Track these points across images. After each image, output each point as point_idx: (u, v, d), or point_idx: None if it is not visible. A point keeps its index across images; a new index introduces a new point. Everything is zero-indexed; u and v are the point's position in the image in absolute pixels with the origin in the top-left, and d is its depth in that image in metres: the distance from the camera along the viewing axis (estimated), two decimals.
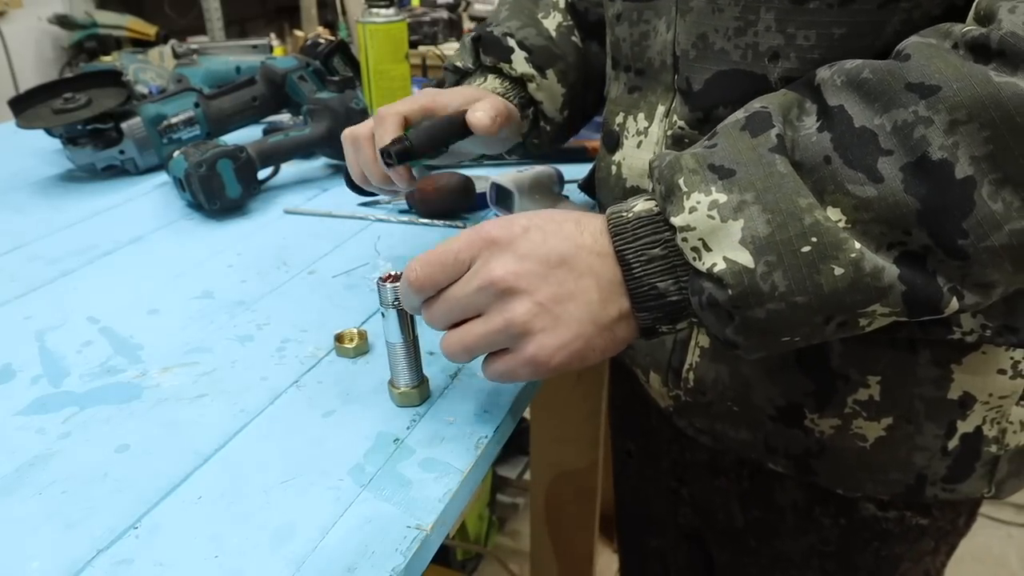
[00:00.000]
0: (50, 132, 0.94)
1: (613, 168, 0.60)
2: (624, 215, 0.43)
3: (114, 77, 0.99)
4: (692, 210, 0.40)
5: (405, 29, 1.09)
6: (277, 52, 1.48)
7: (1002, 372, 0.51)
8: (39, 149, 1.06)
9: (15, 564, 0.40)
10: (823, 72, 0.42)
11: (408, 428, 0.50)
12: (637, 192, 0.57)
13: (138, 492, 0.45)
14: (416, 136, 0.59)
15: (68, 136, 0.93)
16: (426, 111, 0.62)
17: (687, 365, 0.57)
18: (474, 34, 0.71)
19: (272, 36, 1.63)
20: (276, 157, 0.90)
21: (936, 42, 0.38)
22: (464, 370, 0.56)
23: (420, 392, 0.52)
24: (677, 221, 0.40)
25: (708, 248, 0.39)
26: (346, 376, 0.56)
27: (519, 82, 0.69)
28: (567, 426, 1.19)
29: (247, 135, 1.00)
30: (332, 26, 2.24)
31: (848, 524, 0.59)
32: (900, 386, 0.51)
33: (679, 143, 0.53)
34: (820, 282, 0.38)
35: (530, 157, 0.89)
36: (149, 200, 0.89)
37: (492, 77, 0.70)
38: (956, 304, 0.39)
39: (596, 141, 0.68)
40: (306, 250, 0.76)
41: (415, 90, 1.14)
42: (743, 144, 0.41)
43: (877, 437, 0.52)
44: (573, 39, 0.71)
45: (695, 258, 0.40)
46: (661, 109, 0.55)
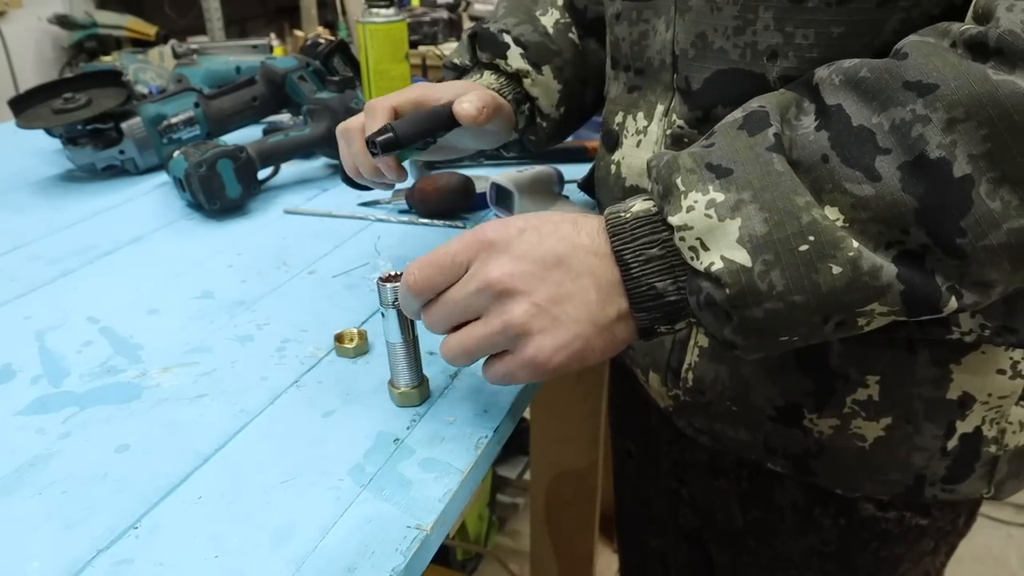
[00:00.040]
0: (50, 132, 0.94)
1: (612, 167, 0.60)
2: (622, 215, 0.43)
3: (114, 77, 0.99)
4: (690, 209, 0.40)
5: (405, 29, 1.09)
6: (277, 52, 1.48)
7: (1001, 372, 0.51)
8: (39, 149, 1.06)
9: (15, 564, 0.40)
10: (821, 72, 0.42)
11: (408, 428, 0.50)
12: (636, 191, 0.58)
13: (138, 492, 0.45)
14: (401, 126, 0.59)
15: (68, 136, 0.93)
16: (417, 103, 0.62)
17: (686, 365, 0.57)
18: (471, 31, 0.71)
19: (272, 36, 1.63)
20: (276, 157, 0.90)
21: (934, 41, 0.38)
22: (464, 370, 0.56)
23: (420, 392, 0.52)
24: (675, 220, 0.40)
25: (706, 247, 0.39)
26: (346, 376, 0.56)
27: (514, 78, 0.69)
28: (567, 426, 1.19)
29: (247, 135, 1.00)
30: (332, 26, 2.24)
31: (847, 524, 0.59)
32: (899, 386, 0.51)
33: (678, 142, 0.53)
34: (818, 281, 0.38)
35: (529, 156, 0.89)
36: (149, 200, 0.90)
37: (488, 73, 0.70)
38: (955, 303, 0.39)
39: (596, 141, 0.68)
40: (306, 250, 0.76)
41: None
42: (740, 143, 0.40)
43: (876, 437, 0.52)
44: (570, 36, 0.71)
45: (692, 257, 0.40)
46: (660, 108, 0.55)
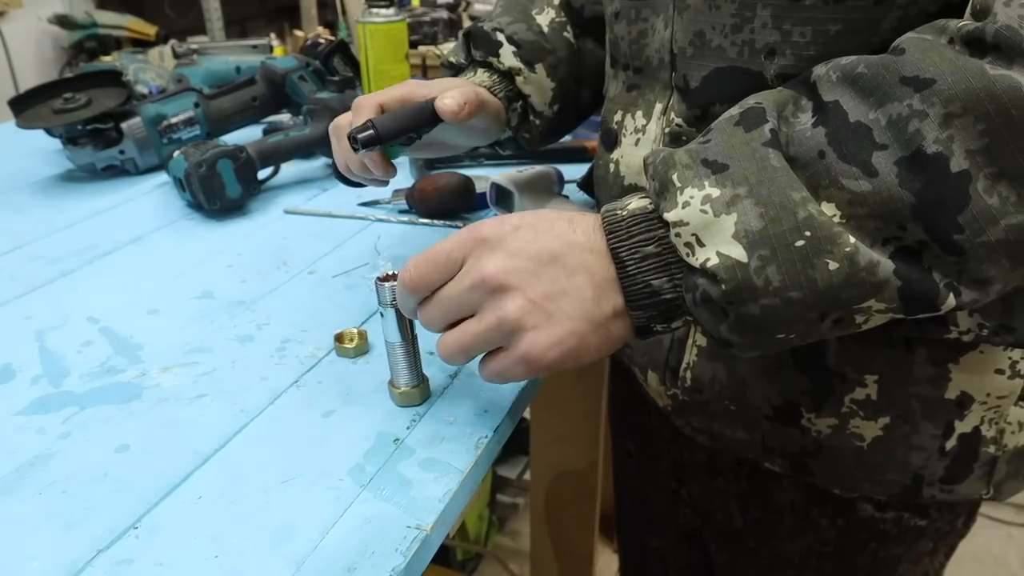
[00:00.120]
0: (50, 132, 0.94)
1: (611, 166, 0.60)
2: (618, 213, 0.43)
3: (114, 77, 0.99)
4: (685, 205, 0.40)
5: (405, 29, 1.09)
6: (277, 52, 1.48)
7: (1000, 372, 0.51)
8: (39, 149, 1.06)
9: (15, 564, 0.41)
10: (819, 69, 0.42)
11: (408, 428, 0.50)
12: (635, 190, 0.57)
13: (138, 492, 0.45)
14: (382, 122, 0.59)
15: (68, 136, 0.93)
16: (403, 100, 0.62)
17: (684, 364, 0.57)
18: (466, 30, 0.72)
19: (272, 36, 1.63)
20: (276, 157, 0.90)
21: (932, 37, 0.38)
22: (464, 370, 0.56)
23: (420, 392, 0.52)
24: (670, 216, 0.40)
25: (701, 243, 0.39)
26: (346, 376, 0.56)
27: (507, 76, 0.69)
28: (567, 426, 1.19)
29: (247, 135, 1.00)
30: (332, 26, 2.24)
31: (846, 525, 0.59)
32: (897, 385, 0.51)
33: (677, 140, 0.53)
34: (814, 277, 0.38)
35: (528, 156, 0.89)
36: (149, 200, 0.90)
37: (482, 71, 0.70)
38: (953, 300, 0.39)
39: (595, 141, 0.68)
40: (306, 250, 0.76)
41: None
42: (737, 139, 0.40)
43: (874, 437, 0.52)
44: (565, 35, 0.71)
45: (688, 254, 0.40)
46: (659, 107, 0.55)
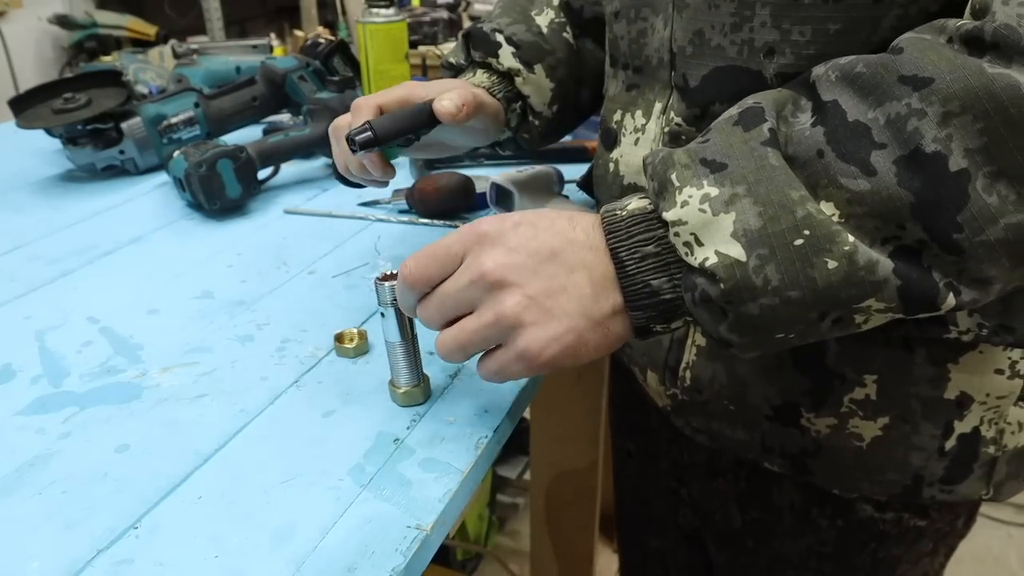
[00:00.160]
0: (50, 132, 0.94)
1: (611, 166, 0.60)
2: (618, 213, 0.43)
3: (114, 77, 0.99)
4: (684, 204, 0.40)
5: (405, 29, 1.09)
6: (277, 52, 1.48)
7: (999, 372, 0.51)
8: (39, 149, 1.06)
9: (15, 564, 0.41)
10: (818, 69, 0.42)
11: (408, 428, 0.50)
12: (635, 189, 0.58)
13: (138, 492, 0.45)
14: (380, 123, 0.59)
15: (68, 136, 0.93)
16: (402, 101, 0.62)
17: (684, 364, 0.57)
18: (465, 31, 0.72)
19: (272, 36, 1.63)
20: (276, 157, 0.90)
21: (930, 37, 0.38)
22: (464, 370, 0.56)
23: (421, 391, 0.52)
24: (669, 216, 0.40)
25: (700, 242, 0.39)
26: (346, 376, 0.56)
27: (506, 76, 0.69)
28: (567, 426, 1.19)
29: (247, 135, 1.00)
30: (332, 26, 2.24)
31: (845, 525, 0.59)
32: (896, 385, 0.51)
33: (676, 140, 0.53)
34: (813, 276, 0.38)
35: (527, 155, 0.89)
36: (149, 200, 0.90)
37: (481, 72, 0.70)
38: (953, 300, 0.39)
39: (595, 141, 0.68)
40: (306, 250, 0.76)
41: None
42: (735, 138, 0.41)
43: (874, 437, 0.52)
44: (564, 36, 0.71)
45: (687, 253, 0.40)
46: (658, 106, 0.55)
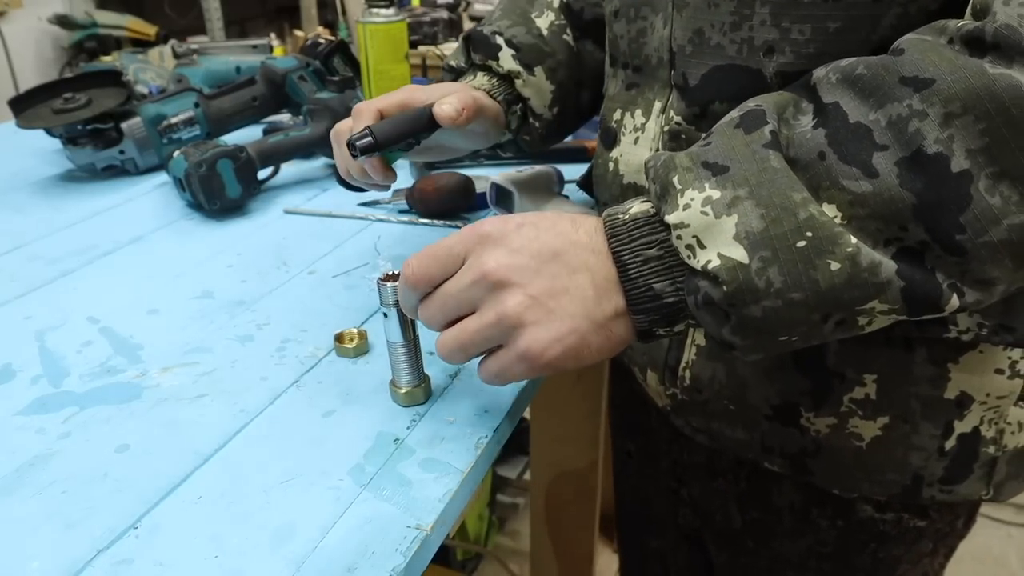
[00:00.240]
0: (50, 132, 0.94)
1: (610, 165, 0.60)
2: (620, 217, 0.43)
3: (114, 77, 0.99)
4: (686, 207, 0.40)
5: (405, 29, 1.09)
6: (277, 52, 1.48)
7: (1000, 372, 0.51)
8: (39, 149, 1.06)
9: (15, 564, 0.41)
10: (819, 72, 0.42)
11: (408, 428, 0.50)
12: (634, 188, 0.58)
13: (138, 492, 0.45)
14: (380, 128, 0.59)
15: (68, 136, 0.93)
16: (403, 105, 0.63)
17: (683, 363, 0.57)
18: (465, 34, 0.72)
19: (272, 36, 1.63)
20: (276, 157, 0.90)
21: (931, 38, 0.38)
22: (464, 370, 0.56)
23: (422, 392, 0.52)
24: (671, 219, 0.40)
25: (702, 245, 0.39)
26: (346, 376, 0.56)
27: (506, 79, 0.69)
28: (567, 426, 1.19)
29: (247, 135, 1.00)
30: (332, 26, 2.24)
31: (845, 526, 0.59)
32: (896, 385, 0.51)
33: (676, 139, 0.53)
34: (816, 278, 0.38)
35: (527, 156, 0.89)
36: (149, 200, 0.90)
37: (481, 74, 0.70)
38: (957, 301, 0.39)
39: (595, 141, 0.68)
40: (306, 250, 0.76)
41: None
42: (737, 141, 0.41)
43: (873, 437, 0.52)
44: (564, 37, 0.71)
45: (690, 256, 0.40)
46: (658, 105, 0.55)
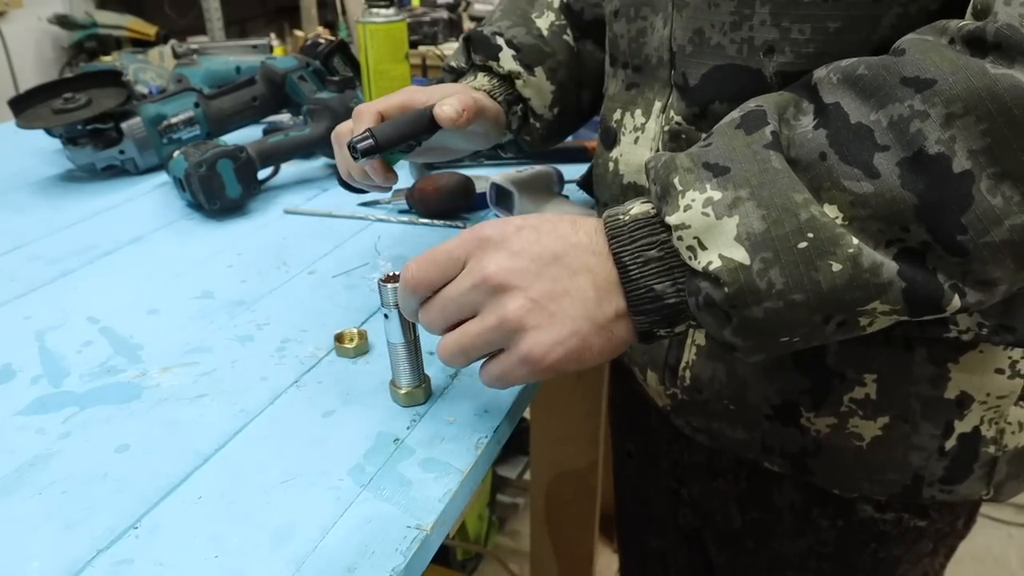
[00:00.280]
0: (50, 132, 0.94)
1: (610, 165, 0.60)
2: (620, 218, 0.43)
3: (114, 77, 0.99)
4: (687, 208, 0.40)
5: (405, 29, 1.09)
6: (277, 52, 1.48)
7: (1000, 372, 0.51)
8: (39, 149, 1.06)
9: (15, 564, 0.40)
10: (819, 72, 0.42)
11: (408, 428, 0.50)
12: (634, 188, 0.58)
13: (138, 492, 0.45)
14: (381, 130, 0.59)
15: (68, 136, 0.93)
16: (403, 107, 0.62)
17: (684, 363, 0.57)
18: (466, 34, 0.72)
19: (272, 36, 1.63)
20: (276, 157, 0.90)
21: (932, 38, 0.38)
22: (464, 370, 0.56)
23: (422, 392, 0.52)
24: (672, 220, 0.40)
25: (703, 246, 0.39)
26: (346, 376, 0.56)
27: (507, 79, 0.69)
28: (567, 426, 1.19)
29: (247, 135, 1.00)
30: (332, 26, 2.24)
31: (846, 526, 0.59)
32: (897, 385, 0.51)
33: (676, 139, 0.53)
34: (818, 279, 0.38)
35: (528, 156, 0.89)
36: (149, 200, 0.90)
37: (482, 75, 0.70)
38: (958, 302, 0.39)
39: (595, 141, 0.68)
40: (306, 250, 0.76)
41: None
42: (738, 142, 0.40)
43: (873, 436, 0.52)
44: (565, 38, 0.71)
45: (691, 257, 0.40)
46: (658, 105, 0.55)
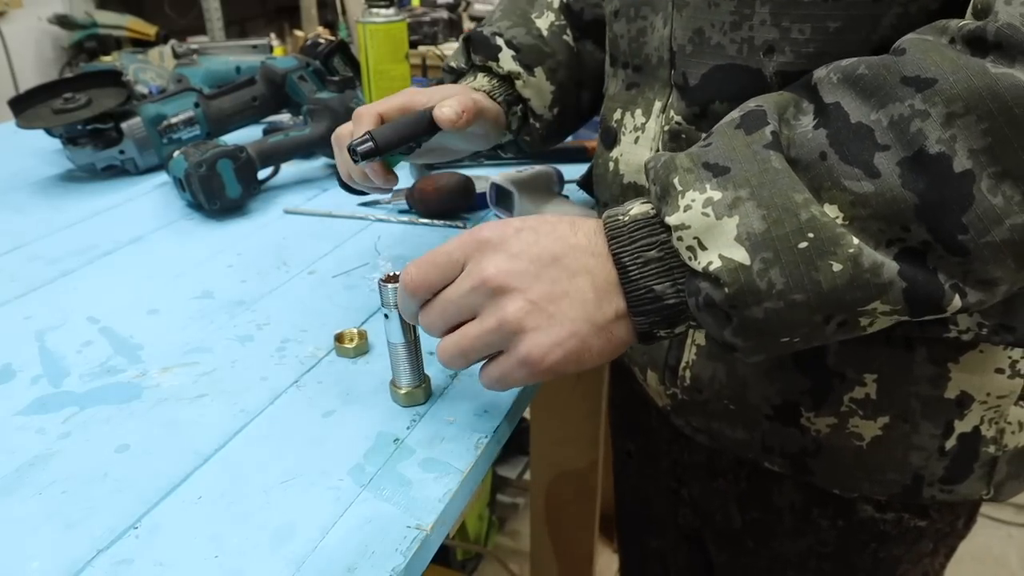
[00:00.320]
0: (50, 132, 0.94)
1: (611, 164, 0.60)
2: (620, 218, 0.43)
3: (114, 77, 0.99)
4: (687, 208, 0.40)
5: (405, 29, 1.09)
6: (277, 52, 1.48)
7: (1000, 371, 0.51)
8: (39, 149, 1.06)
9: (15, 564, 0.40)
10: (819, 72, 0.42)
11: (408, 428, 0.50)
12: (635, 188, 0.58)
13: (138, 492, 0.45)
14: (380, 133, 0.59)
15: (68, 136, 0.93)
16: (403, 109, 0.62)
17: (684, 363, 0.57)
18: (466, 35, 0.72)
19: (272, 36, 1.63)
20: (276, 157, 0.90)
21: (932, 38, 0.38)
22: (464, 370, 0.55)
23: (422, 392, 0.52)
24: (672, 220, 0.40)
25: (703, 247, 0.39)
26: (346, 376, 0.56)
27: (507, 80, 0.69)
28: (567, 426, 1.19)
29: (247, 135, 1.00)
30: (332, 26, 2.24)
31: (846, 526, 0.59)
32: (897, 385, 0.51)
33: (676, 138, 0.53)
34: (818, 279, 0.38)
35: (528, 156, 0.89)
36: (149, 200, 0.90)
37: (481, 75, 0.70)
38: (959, 302, 0.39)
39: (595, 141, 0.68)
40: (306, 250, 0.76)
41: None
42: (738, 142, 0.40)
43: (874, 436, 0.52)
44: (564, 38, 0.71)
45: (691, 257, 0.40)
46: (658, 105, 0.55)
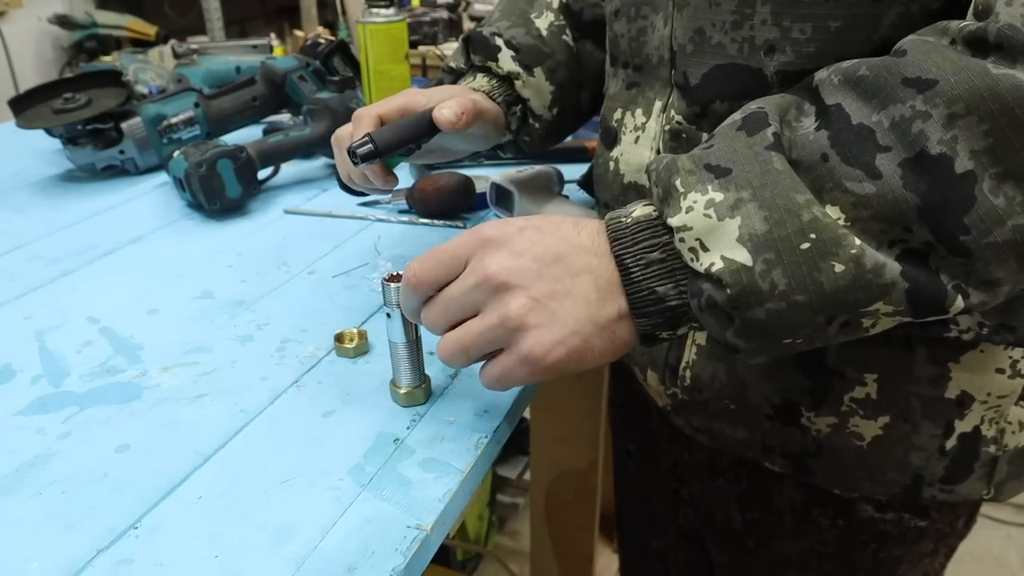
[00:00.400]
0: (50, 132, 0.94)
1: (611, 164, 0.60)
2: (623, 220, 0.43)
3: (114, 77, 0.99)
4: (689, 210, 0.40)
5: (405, 29, 1.09)
6: (277, 52, 1.48)
7: (1000, 371, 0.51)
8: (39, 149, 1.06)
9: (15, 564, 0.40)
10: (821, 73, 0.42)
11: (408, 428, 0.50)
12: (635, 188, 0.58)
13: (138, 492, 0.45)
14: (380, 135, 0.59)
15: (68, 136, 0.93)
16: (402, 111, 0.62)
17: (684, 363, 0.57)
18: (465, 35, 0.72)
19: (272, 36, 1.63)
20: (276, 157, 0.90)
21: (933, 39, 0.38)
22: (465, 370, 0.56)
23: (423, 392, 0.52)
24: (674, 222, 0.40)
25: (705, 248, 0.39)
26: (346, 376, 0.56)
27: (506, 80, 0.69)
28: (567, 426, 1.19)
29: (247, 135, 1.00)
30: (332, 26, 2.24)
31: (846, 525, 0.59)
32: (897, 384, 0.51)
33: (676, 138, 0.53)
34: (820, 280, 0.38)
35: (527, 156, 0.89)
36: (149, 200, 0.90)
37: (481, 76, 0.70)
38: (961, 303, 0.39)
39: (595, 141, 0.68)
40: (306, 250, 0.76)
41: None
42: (739, 143, 0.40)
43: (874, 436, 0.52)
44: (564, 38, 0.71)
45: (693, 259, 0.40)
46: (659, 104, 0.55)
